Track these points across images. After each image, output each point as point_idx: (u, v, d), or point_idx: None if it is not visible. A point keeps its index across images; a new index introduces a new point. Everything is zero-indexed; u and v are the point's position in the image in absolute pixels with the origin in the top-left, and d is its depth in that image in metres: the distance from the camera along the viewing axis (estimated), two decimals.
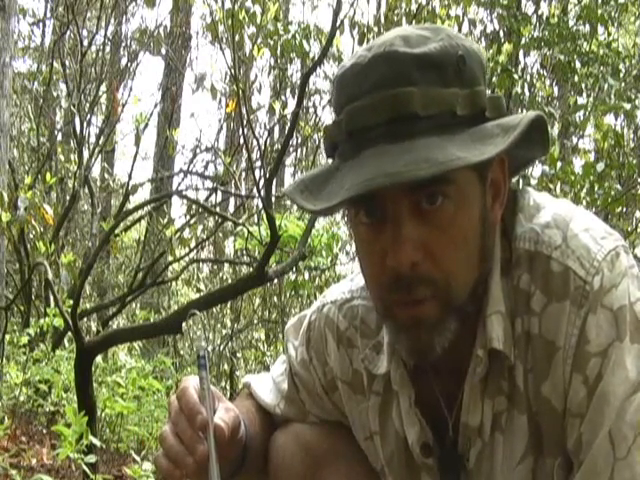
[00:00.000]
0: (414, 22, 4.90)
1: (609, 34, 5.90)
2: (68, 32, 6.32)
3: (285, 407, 1.24)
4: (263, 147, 4.08)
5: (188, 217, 5.87)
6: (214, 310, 6.97)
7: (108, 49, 7.67)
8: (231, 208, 8.40)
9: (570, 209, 1.02)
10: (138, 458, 3.07)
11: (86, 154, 5.67)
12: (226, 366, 6.98)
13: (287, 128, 4.32)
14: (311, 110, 6.40)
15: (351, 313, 1.16)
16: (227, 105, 6.70)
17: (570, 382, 0.94)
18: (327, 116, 6.30)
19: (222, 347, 6.86)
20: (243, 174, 7.24)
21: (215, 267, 8.54)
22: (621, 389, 0.92)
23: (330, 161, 1.01)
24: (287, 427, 1.23)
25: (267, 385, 1.28)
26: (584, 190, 4.53)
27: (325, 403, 1.21)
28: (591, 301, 0.93)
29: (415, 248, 0.92)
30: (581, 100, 5.88)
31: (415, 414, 1.07)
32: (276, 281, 6.07)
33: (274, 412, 1.25)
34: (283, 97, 6.66)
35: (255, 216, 5.43)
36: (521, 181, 4.08)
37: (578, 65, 5.60)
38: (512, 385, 0.99)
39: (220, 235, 6.85)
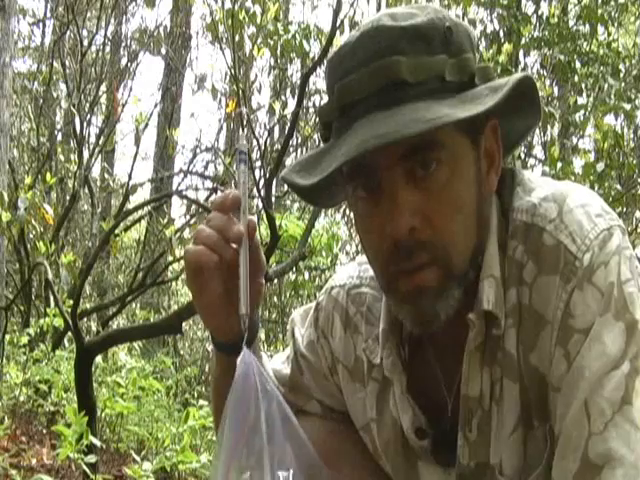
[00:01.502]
0: None
1: (609, 34, 5.90)
2: (68, 32, 6.32)
3: (286, 393, 1.23)
4: (263, 147, 4.08)
5: (188, 217, 5.87)
6: None
7: (108, 49, 7.68)
8: None
9: (571, 186, 1.01)
10: (138, 458, 3.07)
11: (86, 154, 5.67)
12: None
13: (287, 128, 4.31)
14: (311, 110, 6.39)
15: (359, 299, 1.16)
16: (227, 105, 6.70)
17: (554, 355, 0.94)
18: None
19: None
20: None
21: None
22: (597, 363, 0.90)
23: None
24: None
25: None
26: None
27: (330, 386, 1.21)
28: (579, 277, 0.93)
29: (412, 214, 0.93)
30: (581, 100, 5.87)
31: (407, 400, 1.07)
32: (276, 281, 6.07)
33: None
34: (283, 97, 6.66)
35: (255, 216, 5.43)
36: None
37: (578, 65, 5.60)
38: (505, 354, 0.99)
39: None
